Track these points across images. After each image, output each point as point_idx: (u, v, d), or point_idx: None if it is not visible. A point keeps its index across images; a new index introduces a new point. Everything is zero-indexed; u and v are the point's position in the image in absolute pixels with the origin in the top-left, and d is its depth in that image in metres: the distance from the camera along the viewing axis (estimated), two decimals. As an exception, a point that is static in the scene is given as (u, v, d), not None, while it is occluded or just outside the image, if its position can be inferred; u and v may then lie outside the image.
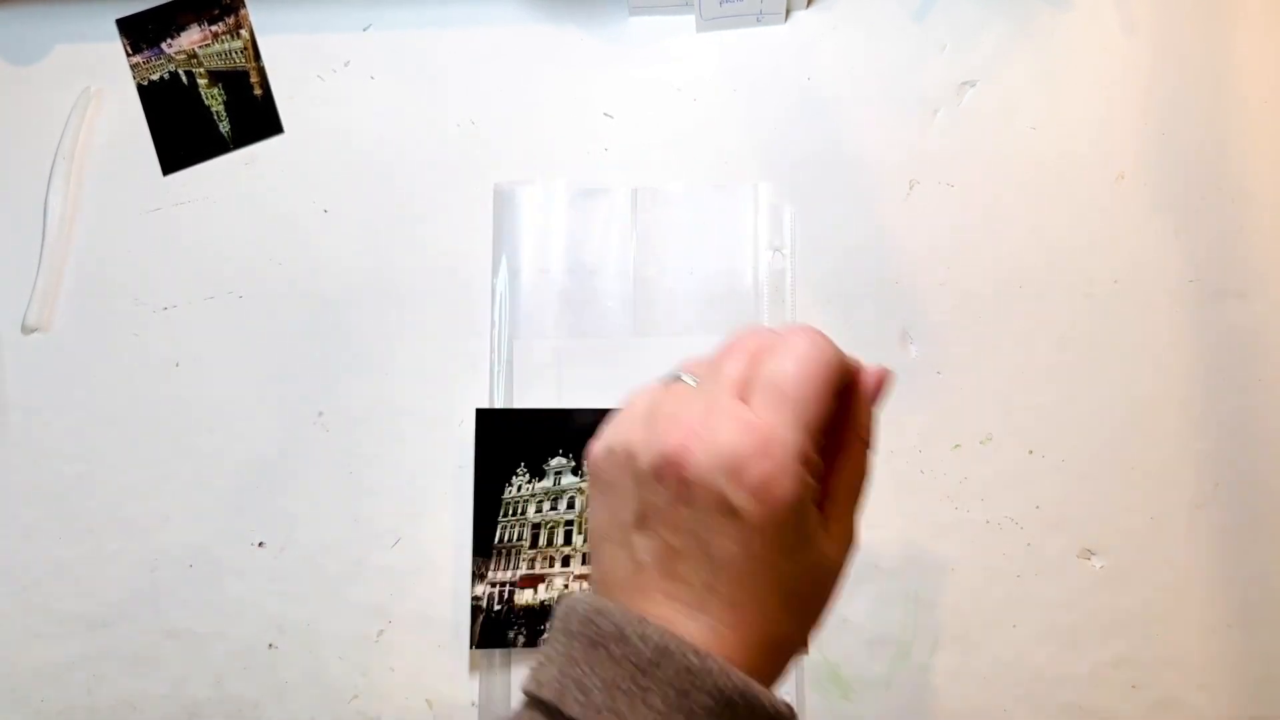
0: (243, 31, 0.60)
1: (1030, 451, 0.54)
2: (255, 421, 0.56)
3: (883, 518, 0.54)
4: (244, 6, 0.60)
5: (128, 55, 0.60)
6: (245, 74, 0.60)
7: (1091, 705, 0.52)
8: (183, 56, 0.60)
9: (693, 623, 0.30)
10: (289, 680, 0.54)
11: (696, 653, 0.28)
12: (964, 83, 0.58)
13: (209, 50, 0.60)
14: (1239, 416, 0.54)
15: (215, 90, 0.60)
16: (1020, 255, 0.56)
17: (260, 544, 0.55)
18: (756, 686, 0.28)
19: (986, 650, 0.53)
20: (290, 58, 0.60)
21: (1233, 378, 0.55)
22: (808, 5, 0.59)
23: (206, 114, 0.60)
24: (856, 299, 0.56)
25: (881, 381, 0.34)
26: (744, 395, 0.31)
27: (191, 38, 0.60)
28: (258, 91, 0.59)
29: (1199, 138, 0.57)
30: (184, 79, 0.60)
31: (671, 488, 0.30)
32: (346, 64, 0.60)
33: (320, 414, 0.56)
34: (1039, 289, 0.56)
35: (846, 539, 0.32)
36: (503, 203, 0.57)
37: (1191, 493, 0.54)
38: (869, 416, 0.34)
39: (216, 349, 0.57)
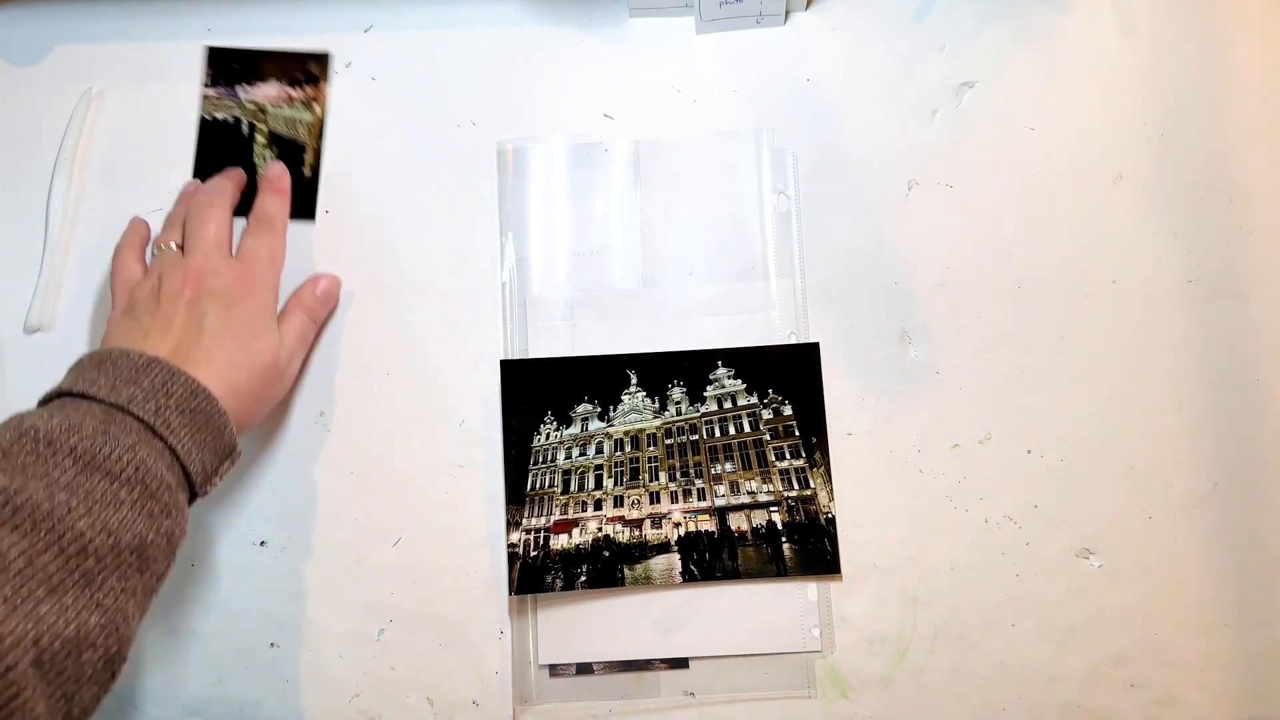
0: (316, 107, 0.59)
1: (1029, 451, 0.55)
2: (256, 421, 0.56)
3: (881, 517, 0.54)
4: (327, 83, 0.59)
5: (205, 85, 0.59)
6: (302, 148, 0.59)
7: (1090, 704, 0.52)
8: (253, 107, 0.59)
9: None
10: (290, 679, 0.54)
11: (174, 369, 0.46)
12: (963, 83, 0.58)
13: (279, 112, 0.59)
14: (1238, 416, 0.54)
15: (269, 153, 0.59)
16: (1019, 255, 0.56)
17: (262, 543, 0.55)
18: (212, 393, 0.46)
19: (985, 649, 0.53)
20: (291, 58, 0.60)
21: (1231, 378, 0.55)
22: (807, 6, 0.59)
23: (251, 172, 0.58)
24: (856, 299, 0.56)
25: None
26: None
27: (268, 92, 0.59)
28: (307, 174, 0.58)
29: (1198, 138, 0.57)
30: (245, 129, 0.59)
31: None
32: (348, 65, 0.60)
33: (321, 414, 0.56)
34: (1038, 289, 0.56)
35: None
36: (507, 164, 0.58)
37: (1190, 492, 0.54)
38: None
39: (218, 349, 0.57)
